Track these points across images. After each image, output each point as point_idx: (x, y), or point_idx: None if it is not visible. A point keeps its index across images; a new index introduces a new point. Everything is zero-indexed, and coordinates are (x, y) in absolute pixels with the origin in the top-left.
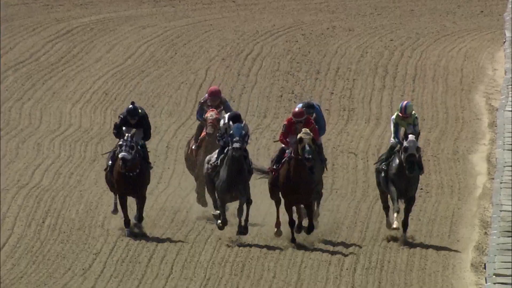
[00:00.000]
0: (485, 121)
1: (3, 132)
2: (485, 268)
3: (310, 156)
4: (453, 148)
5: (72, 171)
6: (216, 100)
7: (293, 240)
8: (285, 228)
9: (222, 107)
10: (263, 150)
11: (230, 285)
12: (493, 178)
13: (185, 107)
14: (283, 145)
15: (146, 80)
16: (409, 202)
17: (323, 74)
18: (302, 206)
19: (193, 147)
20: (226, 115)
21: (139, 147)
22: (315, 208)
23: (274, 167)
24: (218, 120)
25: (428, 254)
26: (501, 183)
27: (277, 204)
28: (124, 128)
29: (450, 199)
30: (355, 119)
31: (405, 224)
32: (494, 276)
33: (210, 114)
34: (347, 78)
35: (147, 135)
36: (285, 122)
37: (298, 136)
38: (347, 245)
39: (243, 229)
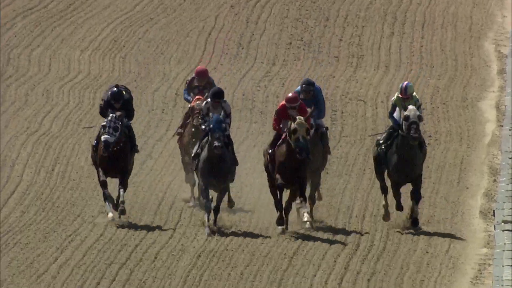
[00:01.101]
0: (494, 68)
1: (12, 79)
2: (494, 215)
3: (302, 151)
4: (462, 95)
5: (81, 118)
6: (203, 80)
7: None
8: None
9: (208, 89)
10: (271, 97)
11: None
12: (502, 125)
13: (194, 55)
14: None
15: (155, 27)
16: (416, 184)
17: (332, 21)
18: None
19: (179, 131)
20: (209, 92)
21: (125, 127)
22: (315, 193)
23: (270, 151)
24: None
25: (436, 202)
26: (510, 130)
27: (275, 190)
28: (109, 111)
29: (459, 146)
30: (364, 66)
31: (413, 213)
32: (502, 223)
33: (197, 104)
34: (356, 25)
35: (130, 117)
36: (278, 108)
37: (292, 126)
38: (355, 190)
39: (220, 203)
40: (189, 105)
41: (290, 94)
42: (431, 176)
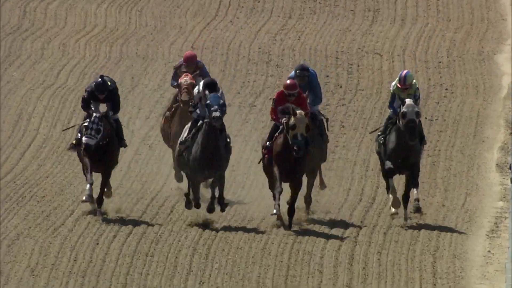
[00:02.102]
0: (510, 22)
1: (28, 33)
2: (510, 168)
3: (300, 150)
4: (478, 48)
5: (97, 71)
6: (192, 66)
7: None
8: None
9: (198, 72)
10: (287, 50)
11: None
12: None
13: (210, 8)
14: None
15: None
16: (413, 172)
17: None
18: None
19: (166, 114)
20: (201, 83)
21: (113, 121)
22: (318, 182)
23: (267, 144)
24: (194, 86)
25: (452, 155)
26: None
27: (273, 183)
28: (92, 103)
29: (475, 100)
30: (380, 19)
31: (405, 199)
32: None
33: (185, 80)
34: None
35: (115, 110)
36: (275, 97)
37: (291, 121)
38: (371, 144)
39: (214, 206)
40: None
41: (288, 81)
42: (447, 129)
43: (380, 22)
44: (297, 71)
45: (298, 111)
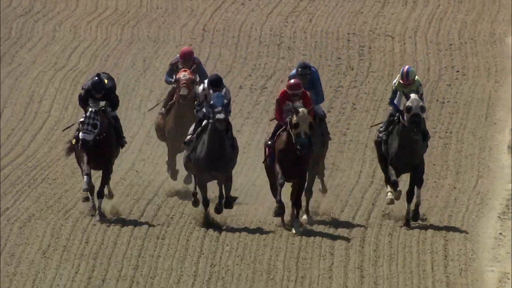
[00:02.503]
0: None
1: (39, 15)
2: None
3: (303, 148)
4: (489, 30)
5: (108, 53)
6: (189, 62)
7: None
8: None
9: (195, 67)
10: (299, 33)
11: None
12: None
13: None
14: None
15: None
16: (416, 172)
17: None
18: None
19: (161, 112)
20: (206, 80)
21: (111, 118)
22: (321, 185)
23: (269, 142)
24: (192, 81)
25: (464, 137)
26: None
27: (276, 183)
28: (90, 100)
29: (486, 82)
30: (391, 1)
31: (410, 195)
32: None
33: (183, 75)
34: None
35: (113, 108)
36: (279, 97)
37: (294, 119)
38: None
39: (223, 206)
40: (174, 78)
41: (291, 81)
42: (459, 111)
43: (392, 4)
44: (299, 69)
45: (301, 109)
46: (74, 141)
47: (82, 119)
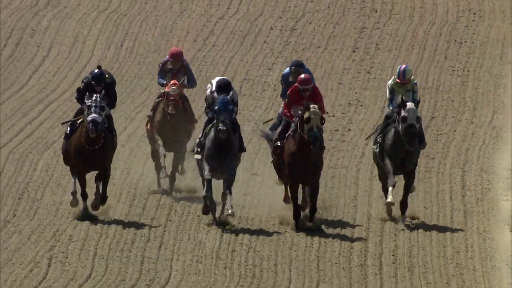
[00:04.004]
0: None
1: None
2: None
3: (316, 141)
4: None
5: None
6: (178, 63)
7: (297, 229)
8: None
9: (183, 73)
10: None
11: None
12: None
13: None
14: (287, 118)
15: None
16: (409, 177)
17: None
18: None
19: (149, 114)
20: (214, 82)
21: (105, 117)
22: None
23: (278, 143)
24: (181, 96)
25: (481, 75)
26: None
27: (286, 184)
28: (86, 96)
29: (501, 23)
30: None
31: (403, 205)
32: None
33: (172, 89)
34: None
35: (111, 105)
36: (289, 92)
37: (306, 114)
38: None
39: (225, 216)
40: (163, 90)
41: (302, 76)
42: (475, 51)
43: None
44: (292, 68)
45: (311, 105)
46: (68, 130)
47: (88, 103)
